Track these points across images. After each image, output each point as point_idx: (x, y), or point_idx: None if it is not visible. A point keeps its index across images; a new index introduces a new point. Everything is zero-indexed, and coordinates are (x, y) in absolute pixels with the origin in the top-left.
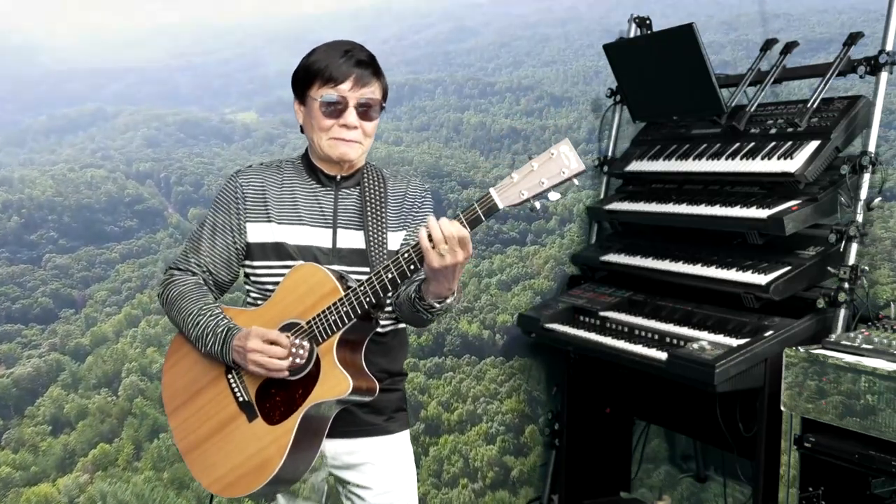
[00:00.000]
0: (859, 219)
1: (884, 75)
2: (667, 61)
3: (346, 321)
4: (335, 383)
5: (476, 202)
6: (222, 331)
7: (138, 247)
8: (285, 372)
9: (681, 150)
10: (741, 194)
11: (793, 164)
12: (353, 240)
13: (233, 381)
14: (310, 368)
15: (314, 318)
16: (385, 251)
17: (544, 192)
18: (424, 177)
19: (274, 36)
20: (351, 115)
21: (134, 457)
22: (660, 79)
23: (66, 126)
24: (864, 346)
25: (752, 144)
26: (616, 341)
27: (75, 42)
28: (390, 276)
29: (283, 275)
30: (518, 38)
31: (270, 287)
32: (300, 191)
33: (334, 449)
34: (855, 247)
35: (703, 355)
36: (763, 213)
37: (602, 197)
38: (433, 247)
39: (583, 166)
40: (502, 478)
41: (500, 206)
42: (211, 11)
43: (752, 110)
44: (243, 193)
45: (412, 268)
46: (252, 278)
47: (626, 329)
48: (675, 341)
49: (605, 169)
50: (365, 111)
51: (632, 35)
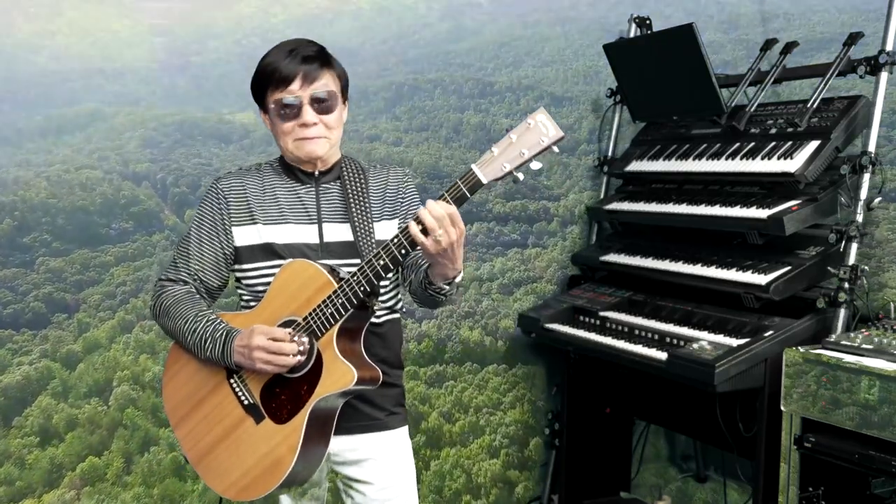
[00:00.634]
0: (859, 219)
1: (884, 75)
2: (667, 61)
3: (343, 312)
4: (340, 375)
5: (459, 179)
6: (221, 334)
7: (133, 249)
8: (294, 362)
9: (681, 150)
10: (741, 194)
11: (793, 164)
12: (339, 233)
13: (235, 385)
14: (312, 364)
15: (311, 314)
16: (373, 241)
17: (525, 163)
18: (424, 177)
19: (273, 36)
20: (307, 113)
21: (124, 471)
22: (660, 79)
23: (63, 126)
24: (864, 346)
25: (752, 144)
26: (616, 341)
27: (72, 41)
28: (382, 262)
29: (274, 275)
30: (518, 38)
31: (261, 288)
32: (281, 190)
33: (337, 446)
34: (855, 247)
35: (703, 355)
36: (763, 213)
37: (602, 197)
38: (428, 235)
39: (561, 133)
40: (506, 494)
41: (484, 180)
42: (210, 11)
43: (752, 110)
44: (226, 199)
45: (403, 252)
46: (243, 281)
47: (626, 329)
48: (675, 341)
49: (605, 169)
50: (321, 105)
51: (632, 35)
